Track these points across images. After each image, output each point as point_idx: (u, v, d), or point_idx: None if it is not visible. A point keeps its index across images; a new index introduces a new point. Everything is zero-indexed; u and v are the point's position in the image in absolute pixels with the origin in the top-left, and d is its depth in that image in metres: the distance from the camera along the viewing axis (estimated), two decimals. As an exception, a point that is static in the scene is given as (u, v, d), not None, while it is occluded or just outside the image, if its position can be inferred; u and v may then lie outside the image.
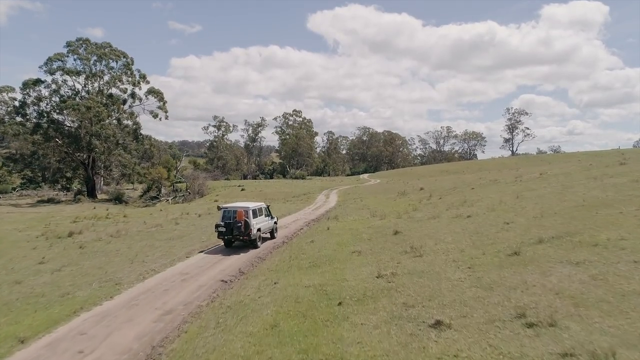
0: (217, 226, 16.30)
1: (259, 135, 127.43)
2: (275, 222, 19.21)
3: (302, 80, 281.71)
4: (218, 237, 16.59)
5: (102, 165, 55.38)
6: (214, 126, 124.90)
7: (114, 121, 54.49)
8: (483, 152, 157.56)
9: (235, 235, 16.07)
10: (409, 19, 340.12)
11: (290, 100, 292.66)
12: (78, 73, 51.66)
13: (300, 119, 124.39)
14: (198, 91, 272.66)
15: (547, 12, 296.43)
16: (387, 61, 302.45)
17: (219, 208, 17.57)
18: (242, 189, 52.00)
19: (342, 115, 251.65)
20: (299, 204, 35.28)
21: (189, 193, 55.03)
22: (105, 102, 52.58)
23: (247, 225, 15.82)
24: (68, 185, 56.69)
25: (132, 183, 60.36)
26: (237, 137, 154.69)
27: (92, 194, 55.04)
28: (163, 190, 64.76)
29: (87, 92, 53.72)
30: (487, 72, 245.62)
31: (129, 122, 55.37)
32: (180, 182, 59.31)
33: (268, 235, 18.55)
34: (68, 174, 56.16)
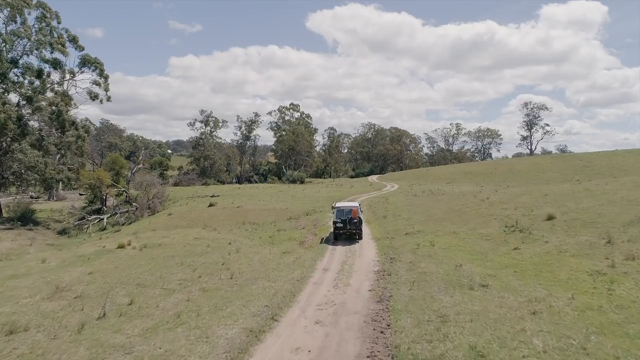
0: (334, 222, 18.67)
1: (253, 133, 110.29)
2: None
3: (300, 80, 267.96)
4: (334, 231, 18.70)
5: (7, 167, 37.21)
6: (201, 122, 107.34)
7: (21, 102, 36.53)
8: (499, 150, 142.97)
9: (349, 229, 18.42)
10: (409, 19, 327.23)
11: (288, 100, 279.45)
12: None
13: (298, 114, 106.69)
14: (197, 91, 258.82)
15: (546, 12, 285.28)
16: (386, 61, 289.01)
17: (333, 207, 19.76)
18: (210, 204, 34.11)
19: (341, 115, 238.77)
20: (298, 254, 16.37)
21: (136, 208, 37.32)
22: (3, 71, 34.59)
23: (360, 221, 18.51)
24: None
25: (40, 191, 42.38)
26: (231, 135, 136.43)
27: (-8, 209, 37.33)
28: (113, 201, 47.10)
29: (-21, 57, 35.81)
30: (486, 71, 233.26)
31: (47, 104, 37.03)
32: (125, 191, 41.41)
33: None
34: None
